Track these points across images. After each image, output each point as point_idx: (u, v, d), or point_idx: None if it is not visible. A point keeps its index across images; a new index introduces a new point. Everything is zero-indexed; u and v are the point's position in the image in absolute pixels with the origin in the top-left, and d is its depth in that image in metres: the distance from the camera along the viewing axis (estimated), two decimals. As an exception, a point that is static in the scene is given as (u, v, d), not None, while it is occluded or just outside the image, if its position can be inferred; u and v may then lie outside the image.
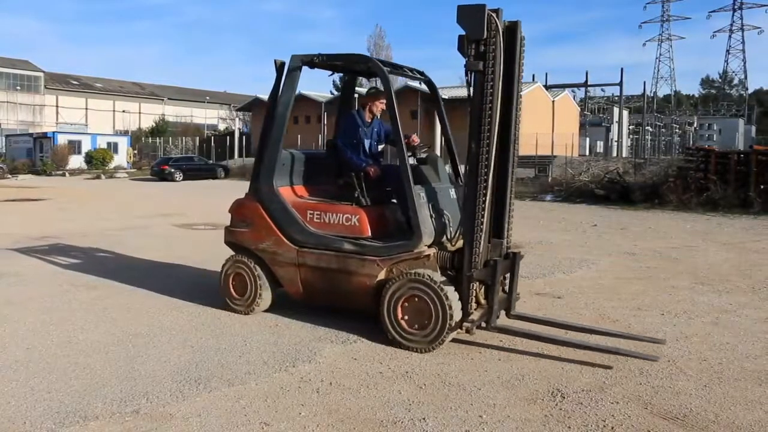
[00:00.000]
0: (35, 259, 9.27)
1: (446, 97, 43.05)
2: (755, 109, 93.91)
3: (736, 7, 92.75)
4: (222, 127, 68.91)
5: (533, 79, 53.12)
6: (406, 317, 5.20)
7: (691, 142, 68.09)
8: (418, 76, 6.38)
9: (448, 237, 5.60)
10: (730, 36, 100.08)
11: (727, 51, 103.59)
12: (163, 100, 74.52)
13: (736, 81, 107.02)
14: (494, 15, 4.88)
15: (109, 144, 50.03)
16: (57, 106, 66.84)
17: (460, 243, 5.44)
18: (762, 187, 19.35)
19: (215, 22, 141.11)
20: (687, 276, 8.62)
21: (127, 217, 15.70)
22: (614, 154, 51.79)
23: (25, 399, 4.11)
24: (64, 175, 41.98)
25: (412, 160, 5.85)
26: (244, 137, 50.61)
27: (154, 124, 63.63)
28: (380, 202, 5.86)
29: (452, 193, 5.94)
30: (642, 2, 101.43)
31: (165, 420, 3.85)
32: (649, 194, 21.01)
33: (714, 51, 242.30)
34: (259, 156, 6.10)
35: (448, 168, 6.32)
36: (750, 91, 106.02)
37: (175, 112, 70.80)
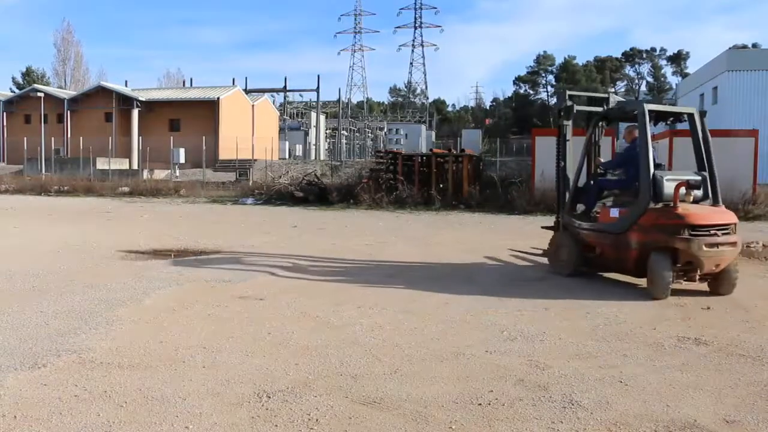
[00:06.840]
0: None
1: (143, 99, 40.98)
2: (435, 116, 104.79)
3: (417, 25, 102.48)
4: None
5: (233, 83, 53.20)
6: None
7: (381, 146, 73.66)
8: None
9: None
10: (412, 50, 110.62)
11: (411, 64, 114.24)
12: None
13: (418, 91, 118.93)
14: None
15: None
16: None
17: None
18: (441, 185, 21.67)
19: None
20: (379, 271, 9.31)
21: None
22: (312, 157, 54.02)
23: None
24: None
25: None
26: None
27: None
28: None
29: None
30: (336, 13, 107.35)
31: None
32: (344, 194, 22.31)
33: (400, 63, 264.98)
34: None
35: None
36: (430, 100, 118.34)
37: None
